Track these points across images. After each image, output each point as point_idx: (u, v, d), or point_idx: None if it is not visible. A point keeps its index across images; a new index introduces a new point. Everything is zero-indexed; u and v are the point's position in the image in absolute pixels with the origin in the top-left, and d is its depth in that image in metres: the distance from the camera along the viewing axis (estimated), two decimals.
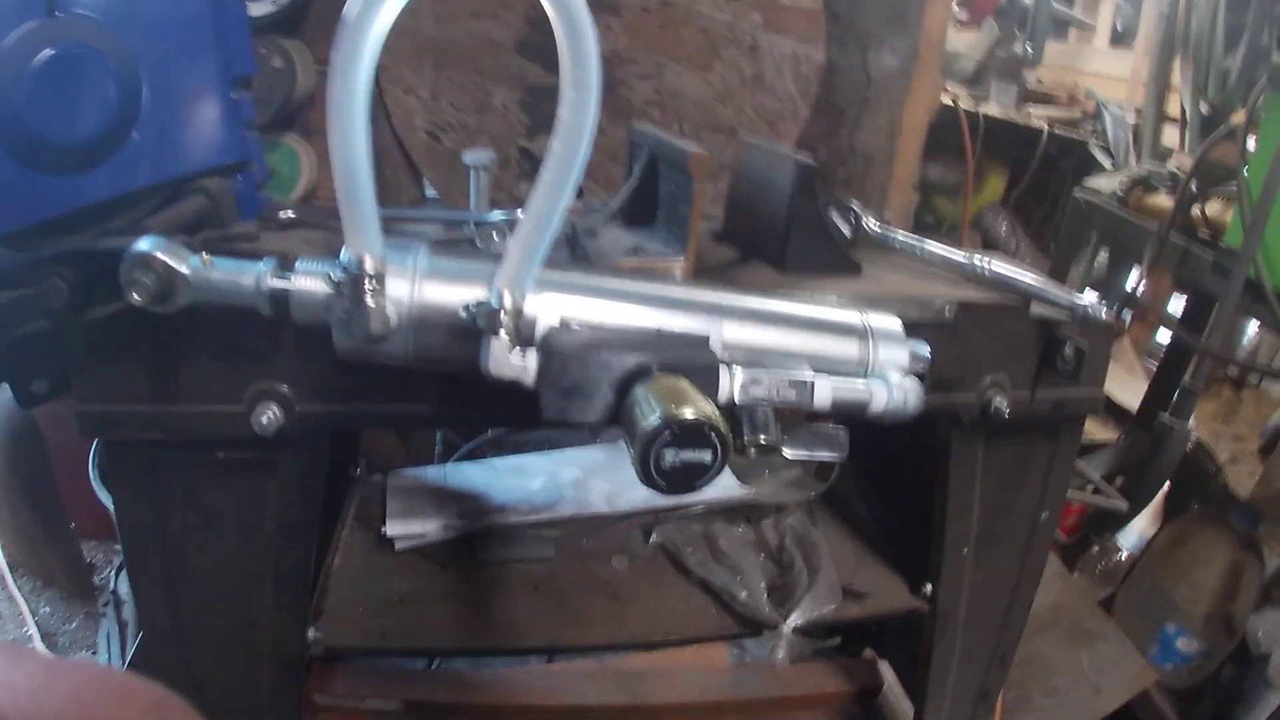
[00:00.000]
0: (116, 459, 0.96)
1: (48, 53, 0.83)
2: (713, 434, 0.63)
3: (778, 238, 1.04)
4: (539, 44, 1.89)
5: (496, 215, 0.97)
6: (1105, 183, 2.23)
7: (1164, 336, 2.39)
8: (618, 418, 0.68)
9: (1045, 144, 3.96)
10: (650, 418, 0.61)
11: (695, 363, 0.71)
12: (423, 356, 0.71)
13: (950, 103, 3.66)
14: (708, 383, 0.71)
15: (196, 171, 1.02)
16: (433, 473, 1.33)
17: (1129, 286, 1.87)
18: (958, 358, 1.08)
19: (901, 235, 1.20)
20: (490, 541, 1.26)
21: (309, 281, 0.70)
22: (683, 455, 0.63)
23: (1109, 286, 3.17)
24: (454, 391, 0.84)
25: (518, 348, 0.68)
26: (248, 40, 1.10)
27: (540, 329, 0.71)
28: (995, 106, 4.09)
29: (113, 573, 2.70)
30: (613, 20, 1.87)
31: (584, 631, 1.20)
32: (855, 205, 1.22)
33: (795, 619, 1.25)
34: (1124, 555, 2.27)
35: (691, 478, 0.64)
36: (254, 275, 0.71)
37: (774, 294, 0.93)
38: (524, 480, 1.33)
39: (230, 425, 0.88)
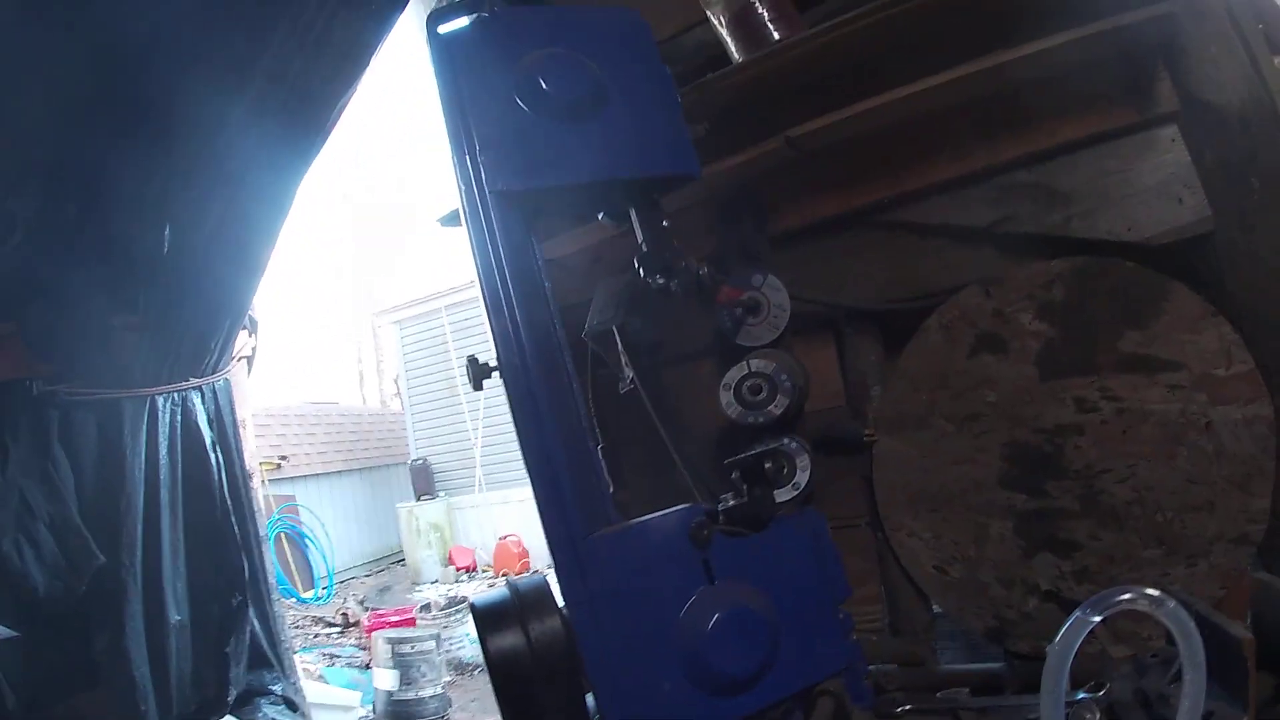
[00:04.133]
0: None
1: (719, 615, 1.25)
2: None
3: None
4: (1018, 476, 2.18)
5: (1081, 695, 1.22)
6: None
7: None
8: None
9: None
10: None
11: None
12: None
13: None
14: None
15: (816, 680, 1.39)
16: None
17: None
18: None
19: None
20: None
21: None
22: None
23: None
24: None
25: None
26: (843, 574, 1.50)
27: None
28: None
29: None
30: (1080, 440, 2.12)
31: None
32: None
33: None
34: None
35: None
36: None
37: None
38: None
39: None
